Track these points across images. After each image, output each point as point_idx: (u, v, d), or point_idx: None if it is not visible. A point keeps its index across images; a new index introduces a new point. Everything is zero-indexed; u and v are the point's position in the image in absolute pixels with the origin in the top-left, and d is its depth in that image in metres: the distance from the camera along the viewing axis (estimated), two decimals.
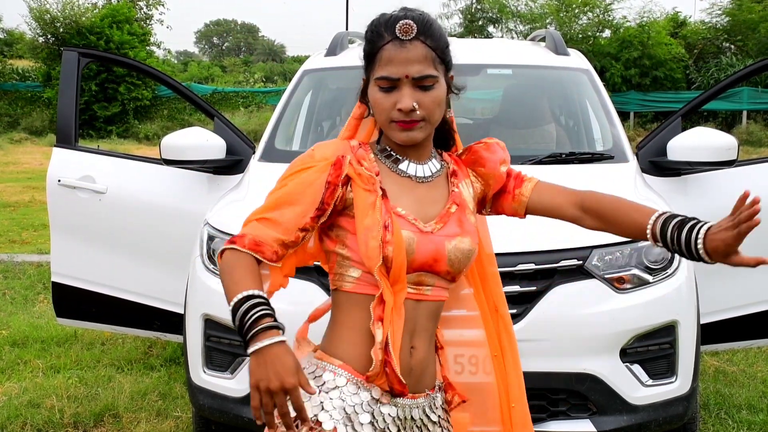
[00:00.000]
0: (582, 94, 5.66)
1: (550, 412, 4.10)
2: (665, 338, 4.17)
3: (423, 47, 2.07)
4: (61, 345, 6.35)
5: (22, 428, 4.83)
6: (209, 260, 4.30)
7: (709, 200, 4.90)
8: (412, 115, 2.05)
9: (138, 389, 5.44)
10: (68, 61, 5.14)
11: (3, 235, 10.87)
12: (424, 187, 2.17)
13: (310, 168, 2.05)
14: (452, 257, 2.12)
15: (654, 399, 4.13)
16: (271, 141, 5.23)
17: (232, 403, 4.21)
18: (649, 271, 4.17)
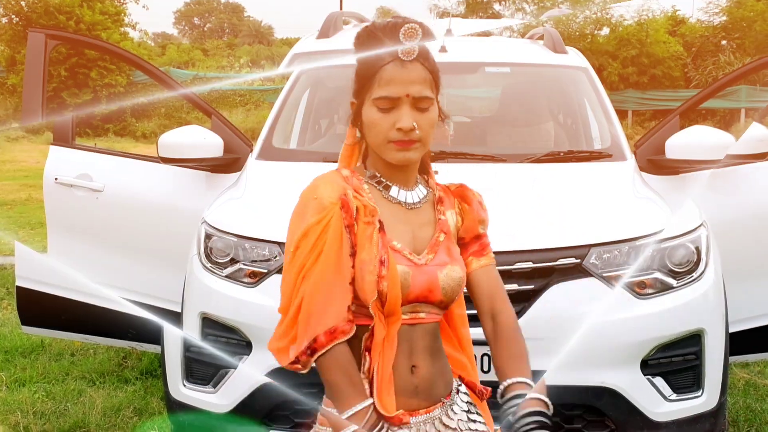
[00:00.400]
0: (580, 93, 5.65)
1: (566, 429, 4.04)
2: (690, 348, 4.06)
3: (423, 68, 2.09)
4: (27, 356, 6.09)
5: None
6: (206, 258, 4.29)
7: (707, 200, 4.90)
8: (411, 135, 2.07)
9: (111, 404, 5.20)
10: (35, 44, 5.02)
11: None
12: (413, 213, 2.19)
13: (326, 218, 2.05)
14: (445, 286, 2.15)
15: (678, 415, 4.01)
16: (268, 139, 5.21)
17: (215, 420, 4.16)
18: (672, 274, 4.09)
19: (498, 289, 2.29)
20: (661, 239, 4.06)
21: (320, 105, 5.84)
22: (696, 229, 4.20)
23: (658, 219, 4.33)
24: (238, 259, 4.20)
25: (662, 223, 4.30)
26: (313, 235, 2.04)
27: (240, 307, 4.11)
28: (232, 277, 4.19)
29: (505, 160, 4.89)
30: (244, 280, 4.16)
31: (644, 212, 4.43)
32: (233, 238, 4.23)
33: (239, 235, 4.21)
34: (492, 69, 5.76)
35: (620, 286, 3.97)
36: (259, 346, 4.09)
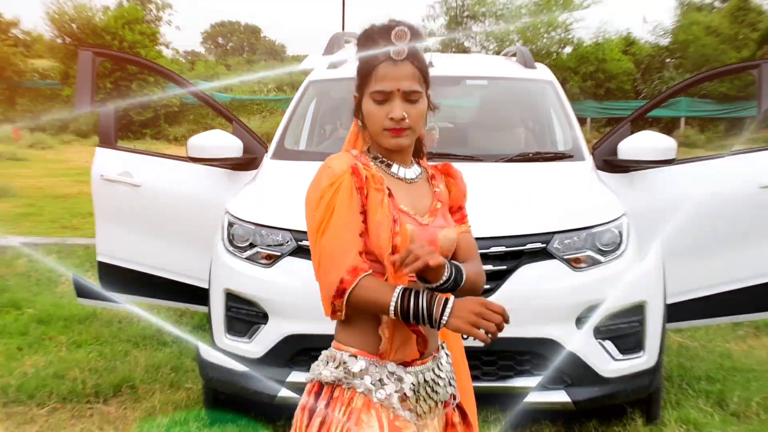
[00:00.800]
0: (547, 102, 5.64)
1: (517, 370, 4.10)
2: (635, 317, 4.14)
3: (412, 66, 2.10)
4: (83, 323, 6.13)
5: (48, 397, 4.66)
6: (229, 243, 4.31)
7: (652, 193, 4.93)
8: (401, 124, 2.08)
9: (152, 363, 5.24)
10: (84, 60, 4.99)
11: (56, 221, 10.81)
12: (411, 187, 2.19)
13: (338, 183, 2.05)
14: (442, 245, 2.15)
15: (623, 372, 4.10)
16: (281, 142, 5.20)
17: (250, 363, 4.19)
18: (600, 252, 4.17)
19: (472, 251, 2.29)
20: (592, 225, 4.17)
21: (325, 113, 5.83)
22: (619, 218, 4.28)
23: (611, 210, 4.35)
24: (255, 243, 4.21)
25: (615, 213, 4.31)
26: (327, 196, 2.05)
27: (257, 284, 4.13)
28: (251, 259, 4.21)
29: (483, 159, 4.88)
30: (261, 262, 4.18)
31: (599, 204, 4.43)
32: (252, 226, 4.25)
33: (257, 224, 4.23)
34: (472, 81, 5.76)
35: None
36: (274, 316, 4.11)
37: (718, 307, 4.89)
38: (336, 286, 2.00)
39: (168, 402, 4.65)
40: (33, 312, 6.39)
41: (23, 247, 8.43)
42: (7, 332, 5.87)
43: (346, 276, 1.99)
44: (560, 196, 4.59)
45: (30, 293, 6.97)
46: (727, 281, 4.83)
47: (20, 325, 6.03)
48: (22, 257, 8.12)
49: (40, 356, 5.37)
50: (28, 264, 7.91)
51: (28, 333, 5.88)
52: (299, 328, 4.03)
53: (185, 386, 4.90)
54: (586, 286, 4.09)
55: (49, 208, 11.97)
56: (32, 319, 6.19)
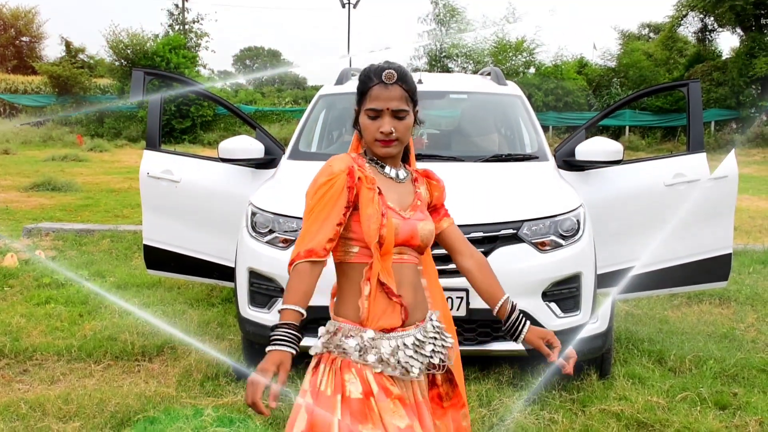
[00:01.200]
0: (516, 113, 5.60)
1: (493, 336, 4.08)
2: (573, 284, 4.16)
3: (400, 89, 2.11)
4: (150, 288, 6.28)
5: (104, 356, 4.68)
6: (252, 229, 4.28)
7: (603, 187, 4.92)
8: (389, 136, 2.11)
9: (203, 319, 5.40)
10: (136, 78, 5.02)
11: (110, 211, 10.78)
12: (400, 186, 2.20)
13: (334, 180, 2.06)
14: (422, 235, 2.15)
15: (564, 326, 4.11)
16: (296, 145, 5.18)
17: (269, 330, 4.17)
18: (562, 237, 4.15)
19: (464, 238, 2.34)
20: (555, 214, 4.19)
21: (333, 121, 5.79)
22: (577, 208, 4.28)
23: (571, 202, 4.32)
24: (274, 229, 4.18)
25: (573, 204, 4.29)
26: (322, 190, 2.06)
27: (276, 263, 4.08)
28: (270, 243, 4.17)
29: (464, 159, 4.85)
30: (279, 245, 4.14)
31: (561, 197, 4.41)
32: (271, 215, 4.21)
33: (275, 213, 4.20)
34: (454, 95, 5.73)
35: None
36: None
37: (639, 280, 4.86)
38: (292, 256, 2.03)
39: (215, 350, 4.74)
40: (114, 280, 6.54)
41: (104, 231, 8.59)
42: (93, 295, 6.01)
43: (302, 253, 2.01)
44: (528, 190, 4.57)
45: (111, 266, 7.10)
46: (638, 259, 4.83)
47: (103, 290, 6.15)
48: (105, 238, 8.28)
49: (97, 322, 5.37)
50: (109, 243, 8.08)
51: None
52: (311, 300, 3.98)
53: (228, 338, 5.00)
54: (550, 265, 4.09)
55: (104, 200, 11.93)
56: (113, 285, 6.37)
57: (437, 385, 2.23)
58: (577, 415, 3.85)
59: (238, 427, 3.64)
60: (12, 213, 10.35)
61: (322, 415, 1.98)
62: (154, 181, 5.00)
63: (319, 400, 2.02)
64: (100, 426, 3.64)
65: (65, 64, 31.32)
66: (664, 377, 4.34)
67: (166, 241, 5.08)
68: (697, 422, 3.71)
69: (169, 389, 4.12)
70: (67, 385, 4.23)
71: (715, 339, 5.09)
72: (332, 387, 2.02)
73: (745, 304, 5.96)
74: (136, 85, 4.99)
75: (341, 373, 2.03)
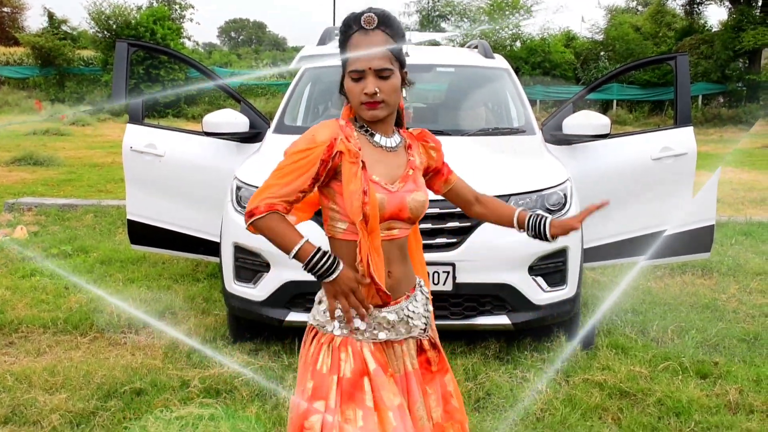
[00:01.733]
0: (503, 86, 5.59)
1: (479, 310, 4.11)
2: (559, 258, 4.19)
3: (382, 34, 2.00)
4: (134, 263, 6.26)
5: (90, 328, 4.66)
6: (237, 203, 4.26)
7: (590, 161, 4.92)
8: (374, 97, 2.00)
9: (188, 294, 5.38)
10: (120, 50, 4.96)
11: (93, 186, 10.69)
12: (391, 155, 2.11)
13: (312, 150, 1.99)
14: (411, 207, 2.08)
15: (550, 300, 4.18)
16: (281, 118, 5.14)
17: (255, 305, 4.19)
18: (548, 211, 4.16)
19: (469, 187, 2.34)
20: (542, 188, 4.20)
21: (318, 95, 5.75)
22: (564, 182, 4.30)
23: (558, 176, 4.33)
24: None
25: (560, 178, 4.30)
26: (298, 156, 1.99)
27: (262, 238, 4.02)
28: None
29: (451, 134, 4.83)
30: None
31: (548, 171, 4.41)
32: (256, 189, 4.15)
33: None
34: (441, 68, 5.69)
35: None
36: (275, 266, 4.06)
37: (621, 249, 4.97)
38: (251, 208, 1.99)
39: (200, 325, 4.75)
40: (97, 255, 6.52)
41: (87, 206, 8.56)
42: (77, 271, 5.99)
43: (261, 207, 1.97)
44: (515, 164, 4.57)
45: (95, 241, 7.07)
46: (628, 231, 4.92)
47: (87, 266, 6.20)
48: (89, 213, 8.27)
49: (103, 289, 5.48)
50: (93, 218, 8.05)
51: (93, 271, 6.05)
52: (296, 275, 3.98)
53: (214, 313, 5.00)
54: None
55: (87, 174, 11.83)
56: (96, 261, 6.35)
57: (425, 350, 2.21)
58: (560, 384, 3.91)
59: (224, 398, 3.67)
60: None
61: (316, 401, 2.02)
62: (138, 155, 4.95)
63: (315, 376, 2.03)
64: (86, 398, 3.65)
65: (48, 35, 30.93)
66: (646, 347, 4.40)
67: (150, 216, 5.04)
68: (679, 391, 3.76)
69: (155, 361, 4.13)
70: (53, 357, 4.24)
71: (697, 309, 5.16)
72: (328, 365, 2.03)
73: (727, 275, 6.04)
74: (120, 57, 4.93)
75: (338, 352, 2.03)
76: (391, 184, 2.07)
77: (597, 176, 4.84)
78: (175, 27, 29.96)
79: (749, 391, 3.80)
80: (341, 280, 1.99)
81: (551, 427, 3.42)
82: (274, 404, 3.62)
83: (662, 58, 5.72)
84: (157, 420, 3.42)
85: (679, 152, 4.80)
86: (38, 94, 28.56)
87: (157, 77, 27.12)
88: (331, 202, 2.06)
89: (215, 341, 4.47)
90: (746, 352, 4.37)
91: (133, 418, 3.47)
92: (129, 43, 5.03)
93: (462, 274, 3.99)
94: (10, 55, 33.02)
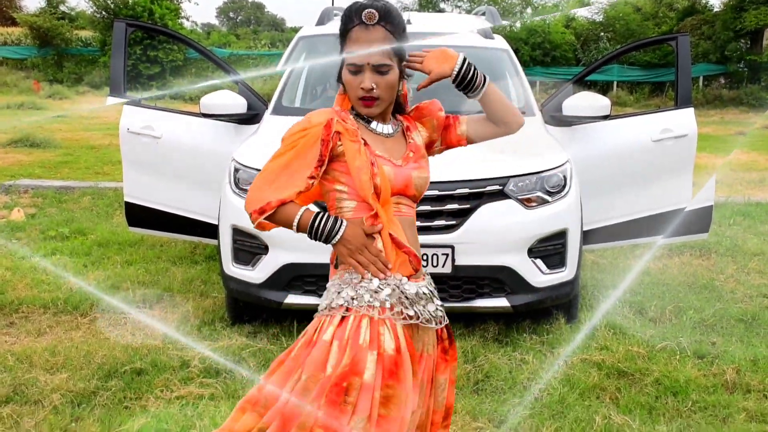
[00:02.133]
0: (503, 67, 5.56)
1: (478, 293, 4.11)
2: (559, 240, 4.19)
3: (383, 30, 1.99)
4: (132, 246, 6.25)
5: (90, 309, 4.69)
6: (235, 185, 4.25)
7: (590, 143, 4.91)
8: (371, 93, 2.01)
9: (186, 277, 5.37)
10: (118, 30, 4.92)
11: (90, 168, 10.65)
12: (389, 141, 2.10)
13: (309, 131, 1.99)
14: (416, 183, 2.09)
15: (550, 283, 4.18)
16: (279, 100, 5.11)
17: (253, 287, 4.19)
18: (548, 193, 4.15)
19: (479, 118, 2.26)
20: (541, 170, 4.18)
21: (316, 76, 5.71)
22: (564, 164, 4.29)
23: (557, 157, 4.32)
24: None
25: (560, 160, 4.29)
26: (294, 138, 2.00)
27: None
28: None
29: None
30: None
31: (547, 152, 4.40)
32: (254, 171, 4.16)
33: (258, 169, 4.11)
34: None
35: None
36: (273, 248, 4.06)
37: (621, 232, 4.97)
38: (261, 205, 1.97)
39: (199, 307, 4.74)
40: (95, 238, 6.52)
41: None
42: (75, 253, 6.03)
43: (273, 203, 1.96)
44: (514, 145, 4.51)
45: (92, 223, 7.06)
46: (630, 213, 4.92)
47: (85, 248, 6.19)
48: (86, 195, 8.26)
49: (100, 271, 5.54)
50: (90, 200, 8.05)
51: (91, 253, 6.05)
52: (295, 257, 3.99)
53: (212, 295, 4.99)
54: (536, 221, 4.10)
55: (85, 156, 11.78)
56: (94, 243, 6.35)
57: (443, 339, 2.18)
58: (546, 355, 3.98)
59: (224, 378, 3.68)
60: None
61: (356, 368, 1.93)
62: (135, 137, 4.93)
63: (353, 348, 1.94)
64: (87, 377, 3.67)
65: (46, 15, 30.80)
66: (644, 327, 4.42)
67: (148, 198, 5.03)
68: (677, 371, 3.78)
69: (155, 341, 4.14)
70: (54, 337, 4.26)
71: (695, 290, 5.18)
72: (368, 340, 1.95)
73: (725, 255, 6.06)
74: (118, 37, 4.90)
75: (377, 326, 1.97)
76: (396, 161, 2.07)
77: (597, 158, 4.84)
78: (173, 7, 29.81)
79: (746, 371, 3.82)
80: (350, 237, 1.98)
81: (549, 407, 3.44)
82: None
83: (663, 38, 5.70)
84: (157, 400, 3.45)
85: (680, 134, 4.79)
86: (36, 74, 28.44)
87: (155, 59, 27.03)
88: (336, 184, 2.05)
89: (213, 323, 4.47)
90: (743, 333, 4.39)
91: (134, 398, 3.49)
92: (127, 23, 5.00)
93: (461, 257, 3.98)
94: (8, 35, 32.90)
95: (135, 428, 3.16)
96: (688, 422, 3.33)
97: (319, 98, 5.52)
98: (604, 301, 4.88)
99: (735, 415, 3.38)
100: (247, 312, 4.47)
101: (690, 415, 3.40)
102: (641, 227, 4.95)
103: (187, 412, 3.31)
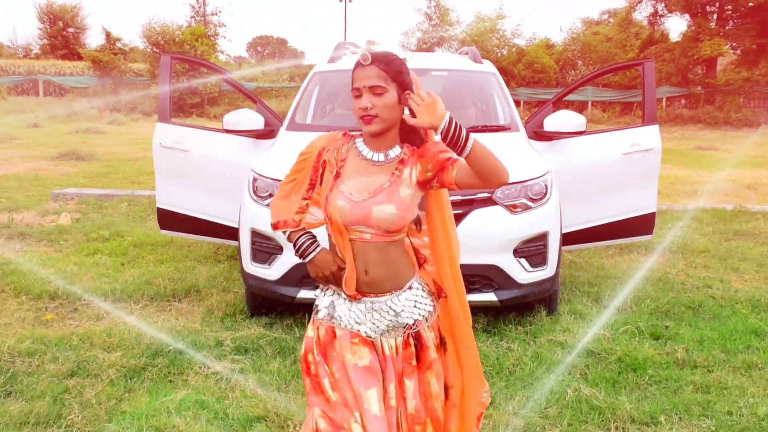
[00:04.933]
0: (491, 88, 5.52)
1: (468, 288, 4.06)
2: (541, 242, 4.16)
3: (376, 68, 1.96)
4: (164, 246, 6.24)
5: (141, 297, 4.82)
6: (254, 193, 4.22)
7: (569, 155, 4.88)
8: (368, 112, 1.96)
9: (211, 274, 5.35)
10: (164, 62, 4.95)
11: (128, 178, 10.63)
12: (374, 168, 2.02)
13: (309, 156, 2.10)
14: (376, 216, 1.96)
15: (533, 280, 4.15)
16: (293, 117, 5.08)
17: (269, 284, 4.14)
18: (531, 200, 4.11)
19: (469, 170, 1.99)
20: (525, 180, 4.16)
21: (326, 97, 5.68)
22: (545, 174, 4.26)
23: (540, 168, 4.29)
24: (273, 193, 4.09)
25: (542, 170, 4.25)
26: (301, 157, 2.13)
27: None
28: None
29: None
30: None
31: (531, 164, 4.36)
32: (271, 180, 4.14)
33: (274, 179, 4.12)
34: (436, 72, 5.64)
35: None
36: (287, 249, 4.03)
37: (593, 235, 4.98)
38: (273, 222, 2.16)
39: (222, 301, 4.74)
40: (131, 239, 6.53)
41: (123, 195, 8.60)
42: (114, 253, 6.07)
43: (280, 224, 2.14)
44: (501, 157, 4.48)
45: (129, 227, 7.06)
46: (603, 217, 4.91)
47: (122, 248, 6.20)
48: (123, 202, 8.28)
49: (135, 269, 5.55)
50: (127, 207, 8.06)
51: (128, 253, 6.07)
52: None
53: (233, 290, 4.99)
54: (520, 225, 4.07)
55: (123, 168, 11.77)
56: (130, 244, 6.36)
57: (408, 346, 2.07)
58: (529, 344, 4.04)
59: (251, 356, 3.82)
60: (41, 180, 10.23)
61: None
62: (166, 150, 4.90)
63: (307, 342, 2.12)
64: (138, 355, 3.80)
65: (105, 51, 31.66)
66: (600, 313, 4.53)
67: (177, 205, 5.01)
68: (636, 350, 3.91)
69: (195, 324, 4.30)
70: (111, 321, 4.37)
71: (652, 282, 5.26)
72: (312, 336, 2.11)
73: (676, 252, 6.22)
74: (164, 69, 4.94)
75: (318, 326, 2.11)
76: (358, 195, 1.98)
77: (574, 169, 4.82)
78: (210, 43, 30.67)
79: (694, 349, 3.95)
80: (318, 261, 2.07)
81: (522, 379, 3.56)
82: (293, 360, 3.76)
83: (631, 63, 5.67)
84: (196, 375, 3.59)
85: (647, 147, 4.77)
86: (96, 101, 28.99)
87: (196, 90, 27.82)
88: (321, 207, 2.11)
89: (235, 315, 4.46)
90: (692, 317, 4.52)
91: (177, 373, 3.62)
92: (172, 56, 5.04)
93: None
94: (74, 67, 34.62)
95: (178, 399, 3.28)
96: (645, 393, 3.45)
97: (328, 116, 5.49)
98: (578, 296, 4.90)
99: (684, 387, 3.50)
100: (264, 305, 4.43)
101: (647, 388, 3.51)
102: (613, 230, 4.93)
103: (221, 385, 3.47)
